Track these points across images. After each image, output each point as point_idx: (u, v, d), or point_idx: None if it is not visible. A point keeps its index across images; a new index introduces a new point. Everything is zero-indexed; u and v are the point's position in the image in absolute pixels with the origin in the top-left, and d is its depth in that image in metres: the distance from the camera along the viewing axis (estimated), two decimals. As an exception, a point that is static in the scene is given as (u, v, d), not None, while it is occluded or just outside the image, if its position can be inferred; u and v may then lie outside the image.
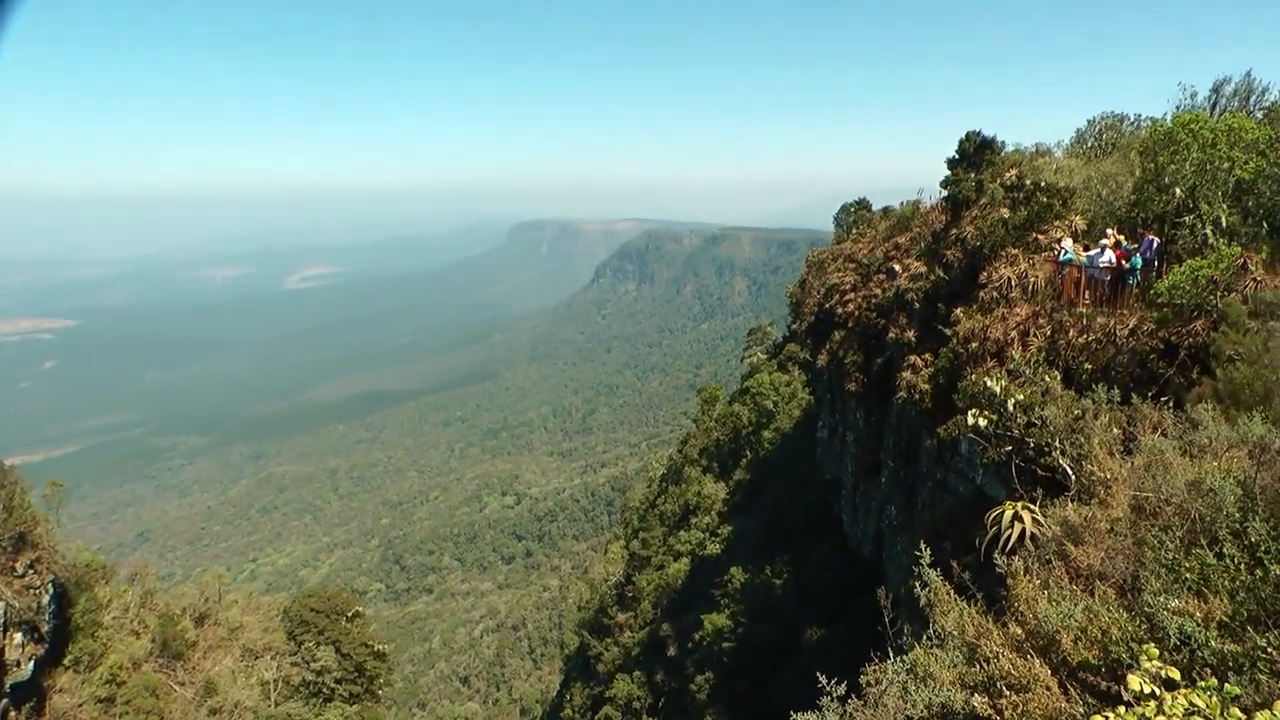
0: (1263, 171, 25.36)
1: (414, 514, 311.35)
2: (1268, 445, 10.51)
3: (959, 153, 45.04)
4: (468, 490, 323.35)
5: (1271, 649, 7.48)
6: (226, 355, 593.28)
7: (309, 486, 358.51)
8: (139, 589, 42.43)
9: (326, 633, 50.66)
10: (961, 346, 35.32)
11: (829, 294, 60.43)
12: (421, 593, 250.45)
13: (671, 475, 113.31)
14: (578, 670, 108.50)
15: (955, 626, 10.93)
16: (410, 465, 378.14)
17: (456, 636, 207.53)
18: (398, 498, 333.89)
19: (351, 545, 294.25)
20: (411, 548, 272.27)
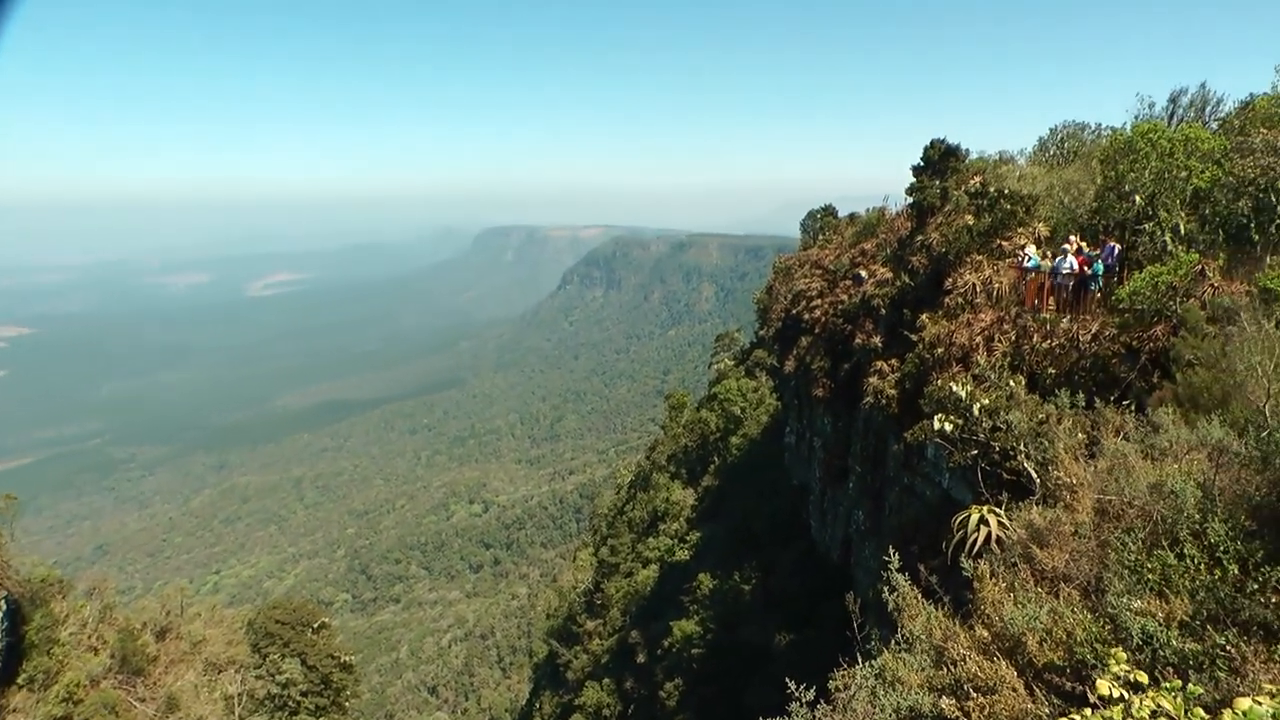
0: (1219, 180, 25.87)
1: (380, 523, 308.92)
2: (1226, 448, 10.73)
3: (924, 160, 45.44)
4: (435, 498, 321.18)
5: (1230, 647, 7.67)
6: (188, 364, 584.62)
7: (273, 496, 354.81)
8: (97, 603, 41.80)
9: (292, 645, 50.23)
10: (927, 352, 35.61)
11: (796, 300, 60.70)
12: (388, 602, 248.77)
13: (640, 482, 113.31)
14: (547, 678, 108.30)
15: (923, 630, 11.09)
16: (376, 474, 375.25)
17: (424, 646, 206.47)
18: (364, 507, 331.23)
19: (317, 555, 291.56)
20: (378, 557, 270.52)
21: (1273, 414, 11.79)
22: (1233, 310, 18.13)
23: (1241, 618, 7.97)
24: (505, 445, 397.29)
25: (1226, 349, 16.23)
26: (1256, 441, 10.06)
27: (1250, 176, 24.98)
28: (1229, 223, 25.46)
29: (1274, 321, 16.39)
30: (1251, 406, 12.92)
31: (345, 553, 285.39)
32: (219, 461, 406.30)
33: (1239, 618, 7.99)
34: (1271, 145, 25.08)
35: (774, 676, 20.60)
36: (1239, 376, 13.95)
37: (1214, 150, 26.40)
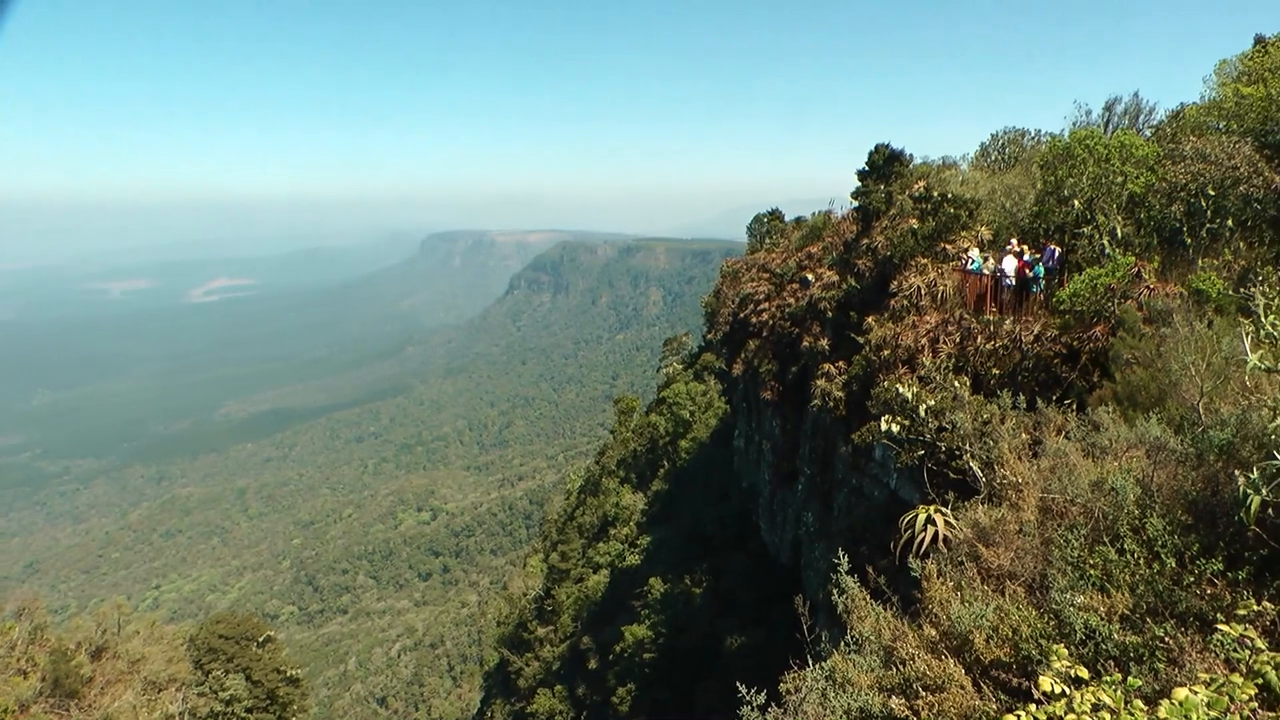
0: (1152, 186, 26.57)
1: (327, 533, 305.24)
2: (1163, 445, 10.97)
3: (869, 165, 45.82)
4: (382, 507, 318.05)
5: (1168, 638, 7.91)
6: (125, 373, 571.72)
7: (216, 508, 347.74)
8: (27, 624, 40.73)
9: (236, 660, 49.52)
10: (874, 354, 35.92)
11: (743, 304, 60.95)
12: (336, 613, 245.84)
13: (589, 487, 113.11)
14: (498, 687, 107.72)
15: (872, 631, 11.24)
16: (322, 483, 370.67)
17: (373, 657, 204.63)
18: (310, 517, 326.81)
19: (262, 568, 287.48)
20: (325, 568, 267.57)
21: (1206, 412, 12.11)
22: (1167, 311, 18.53)
23: (1179, 609, 8.19)
24: (454, 452, 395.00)
25: (1161, 349, 16.61)
26: (1191, 439, 10.34)
27: (1182, 182, 25.69)
28: (1163, 227, 26.12)
29: (1206, 322, 16.79)
30: (1186, 405, 13.25)
31: (291, 564, 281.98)
32: (159, 473, 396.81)
33: (1176, 609, 8.22)
34: (1201, 152, 25.77)
35: (726, 679, 20.76)
36: (1174, 376, 14.28)
37: (1148, 157, 27.16)
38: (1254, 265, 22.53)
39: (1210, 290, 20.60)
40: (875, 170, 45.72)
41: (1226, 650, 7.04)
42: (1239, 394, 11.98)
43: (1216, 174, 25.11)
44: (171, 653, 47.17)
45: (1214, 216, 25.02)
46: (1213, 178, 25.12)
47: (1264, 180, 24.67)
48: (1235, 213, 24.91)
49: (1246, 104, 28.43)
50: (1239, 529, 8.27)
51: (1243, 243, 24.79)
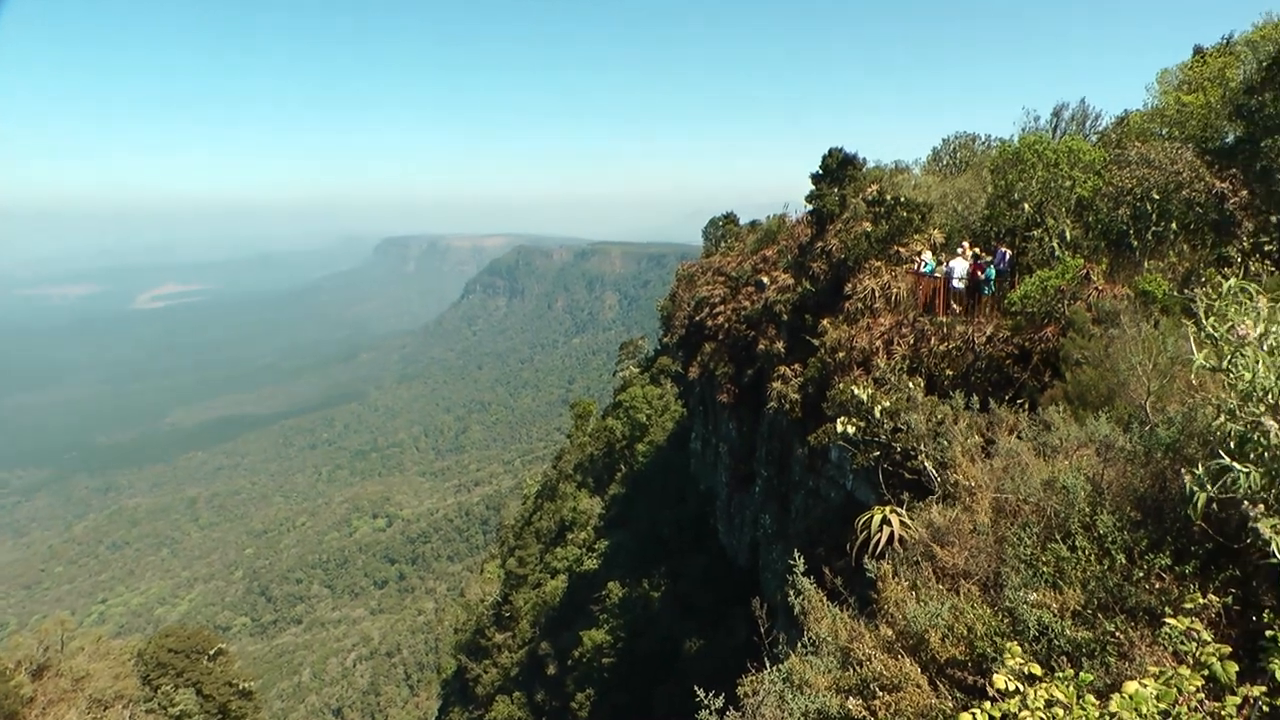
0: (1099, 190, 27.09)
1: (280, 542, 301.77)
2: (1112, 444, 11.13)
3: (823, 168, 46.11)
4: (337, 514, 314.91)
5: (1119, 633, 8.06)
6: (69, 381, 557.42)
7: (165, 519, 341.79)
8: (-38, 643, 39.97)
9: (186, 674, 48.75)
10: (829, 356, 36.15)
11: (699, 307, 61.12)
12: (290, 624, 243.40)
13: (546, 492, 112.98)
14: (456, 695, 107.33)
15: (829, 632, 11.30)
16: (275, 491, 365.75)
17: (328, 667, 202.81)
18: (263, 526, 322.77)
19: (213, 579, 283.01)
20: (278, 577, 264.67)
21: (1153, 411, 12.34)
22: (1115, 312, 18.85)
23: (1129, 604, 8.33)
24: (409, 458, 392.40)
25: (1110, 349, 16.88)
26: (1139, 437, 10.52)
27: (1128, 186, 26.22)
28: (1110, 229, 26.59)
29: (1152, 323, 17.09)
30: (1134, 404, 13.49)
31: (243, 574, 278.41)
32: (105, 484, 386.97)
33: (1126, 604, 8.35)
34: (1145, 158, 26.31)
35: (684, 683, 20.83)
36: (1122, 375, 14.51)
37: (1094, 162, 27.74)
38: (1197, 267, 23.01)
39: (1156, 291, 21.00)
40: (829, 174, 46.03)
41: (1174, 643, 7.18)
42: (1184, 393, 12.21)
43: (1160, 179, 25.63)
44: (118, 669, 46.10)
45: (1159, 220, 25.50)
46: (1157, 182, 25.63)
47: (1205, 185, 25.22)
48: (1179, 216, 25.41)
49: (1187, 112, 29.12)
50: (1185, 524, 8.42)
51: (1186, 245, 25.30)
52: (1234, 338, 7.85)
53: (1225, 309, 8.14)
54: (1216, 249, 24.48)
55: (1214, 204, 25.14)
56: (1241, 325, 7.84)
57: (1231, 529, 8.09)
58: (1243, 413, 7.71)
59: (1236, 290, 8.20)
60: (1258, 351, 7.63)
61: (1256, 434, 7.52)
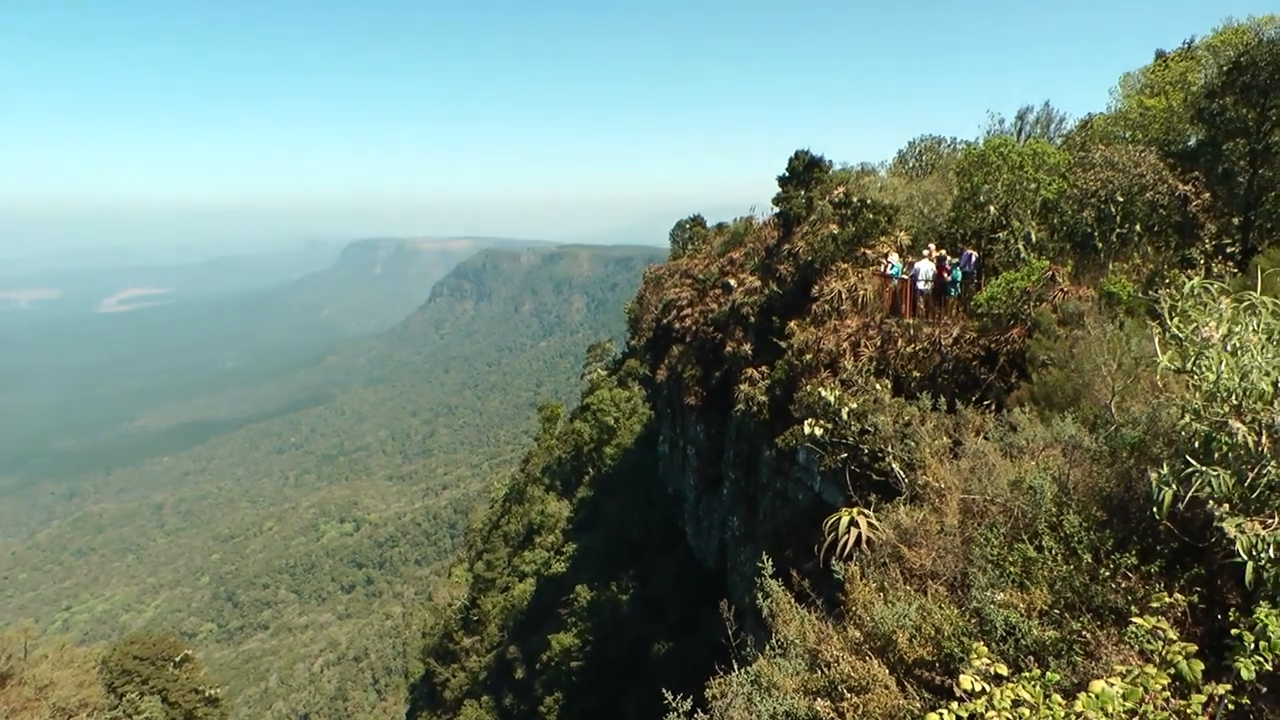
0: (1064, 192, 27.33)
1: (247, 547, 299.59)
2: (1078, 444, 11.20)
3: (789, 171, 46.18)
4: (304, 519, 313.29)
5: (1086, 632, 8.08)
6: (33, 386, 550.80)
7: (131, 524, 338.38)
8: (-78, 654, 39.47)
9: (151, 681, 48.27)
10: (796, 358, 36.21)
11: (666, 309, 61.11)
12: (257, 630, 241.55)
13: (514, 495, 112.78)
14: (424, 699, 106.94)
15: (797, 634, 11.29)
16: (242, 496, 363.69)
17: (295, 673, 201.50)
18: (229, 531, 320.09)
19: (180, 585, 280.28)
20: (245, 583, 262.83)
21: (1118, 411, 12.40)
22: (1080, 314, 18.98)
23: (1095, 604, 8.36)
24: (376, 462, 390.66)
25: (1075, 350, 17.00)
26: (1105, 437, 10.60)
27: (1092, 189, 26.48)
28: (1075, 231, 26.83)
29: (1117, 324, 17.21)
30: (1099, 404, 13.57)
31: (210, 580, 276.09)
32: (69, 490, 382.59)
33: (1093, 604, 8.38)
34: (1109, 160, 26.56)
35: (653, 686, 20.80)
36: (1087, 376, 14.62)
37: (1059, 164, 28.01)
38: (1160, 268, 23.26)
39: (1120, 293, 21.18)
40: (796, 176, 46.11)
41: (1140, 642, 7.21)
42: (1149, 393, 12.29)
43: (1124, 181, 25.88)
44: (83, 676, 45.49)
45: (1123, 222, 25.74)
46: (1121, 185, 25.89)
47: (1168, 187, 25.50)
48: (1143, 218, 25.67)
49: (1150, 115, 29.44)
50: (1151, 523, 8.46)
51: (1150, 247, 25.56)
52: (1198, 339, 7.90)
53: (1189, 310, 8.20)
54: (1180, 250, 24.77)
55: (1177, 206, 25.42)
56: (1205, 326, 7.89)
57: (1196, 528, 8.14)
58: (1207, 413, 7.76)
59: (1199, 291, 8.25)
60: (1221, 353, 7.69)
61: (1221, 435, 7.57)
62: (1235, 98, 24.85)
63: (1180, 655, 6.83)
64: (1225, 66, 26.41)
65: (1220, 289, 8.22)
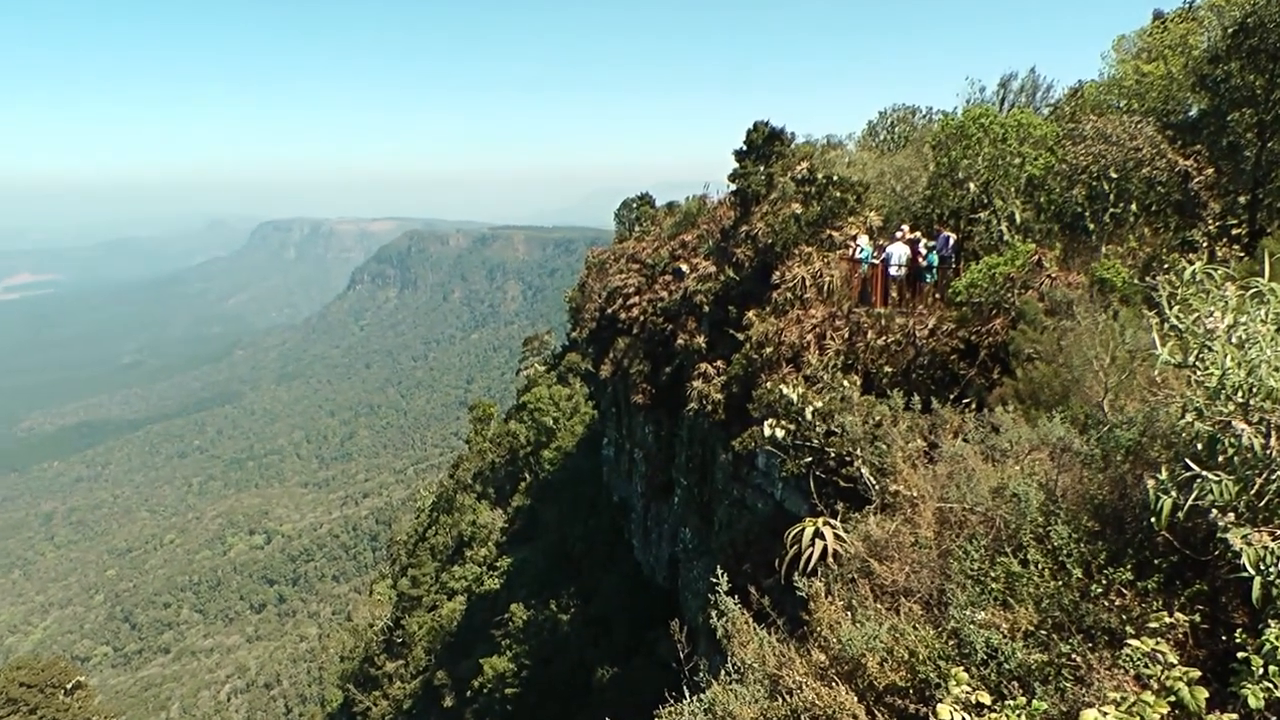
0: (1052, 168, 27.31)
1: (146, 562, 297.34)
2: (1067, 446, 11.17)
3: (747, 144, 46.11)
4: (210, 530, 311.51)
5: (1076, 655, 8.02)
6: None
7: (17, 536, 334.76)
8: None
9: (40, 711, 47.85)
10: (755, 352, 36.18)
11: (611, 298, 60.98)
12: (157, 653, 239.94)
13: (443, 503, 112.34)
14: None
15: (756, 658, 11.19)
16: (141, 505, 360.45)
17: (199, 701, 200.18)
18: (127, 544, 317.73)
19: (71, 604, 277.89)
20: (144, 601, 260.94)
21: (1111, 410, 12.40)
22: (1069, 302, 19.02)
23: (1086, 623, 8.31)
24: (290, 467, 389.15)
25: (1064, 343, 17.03)
26: (1096, 439, 10.53)
27: (1083, 164, 26.43)
28: (1064, 211, 26.86)
29: (1110, 313, 17.23)
30: (1091, 402, 13.58)
31: (105, 598, 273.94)
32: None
33: (1084, 624, 8.33)
34: (1102, 133, 26.53)
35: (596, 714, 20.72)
36: (1077, 371, 14.63)
37: (1046, 137, 27.95)
38: (1159, 252, 23.32)
39: (1114, 279, 21.22)
40: (754, 150, 46.06)
41: (1137, 666, 7.14)
42: (1146, 390, 12.26)
43: (1119, 156, 25.87)
44: (-40, 707, 44.96)
45: (1117, 200, 25.78)
46: (1115, 160, 25.87)
47: (1167, 163, 25.50)
48: (1139, 197, 25.71)
49: (1147, 82, 29.45)
50: (1148, 534, 8.42)
51: (1147, 228, 25.63)
52: (1200, 330, 7.84)
53: (1190, 298, 8.14)
54: (1180, 232, 24.85)
55: (1177, 183, 25.47)
56: (1208, 316, 7.83)
57: (1198, 540, 8.09)
58: (1210, 412, 7.70)
59: (1202, 277, 8.20)
60: (1226, 345, 7.63)
61: (1226, 436, 7.52)
62: (1241, 63, 24.84)
63: (1181, 681, 6.76)
64: (1230, 28, 26.37)
65: (1225, 274, 8.16)
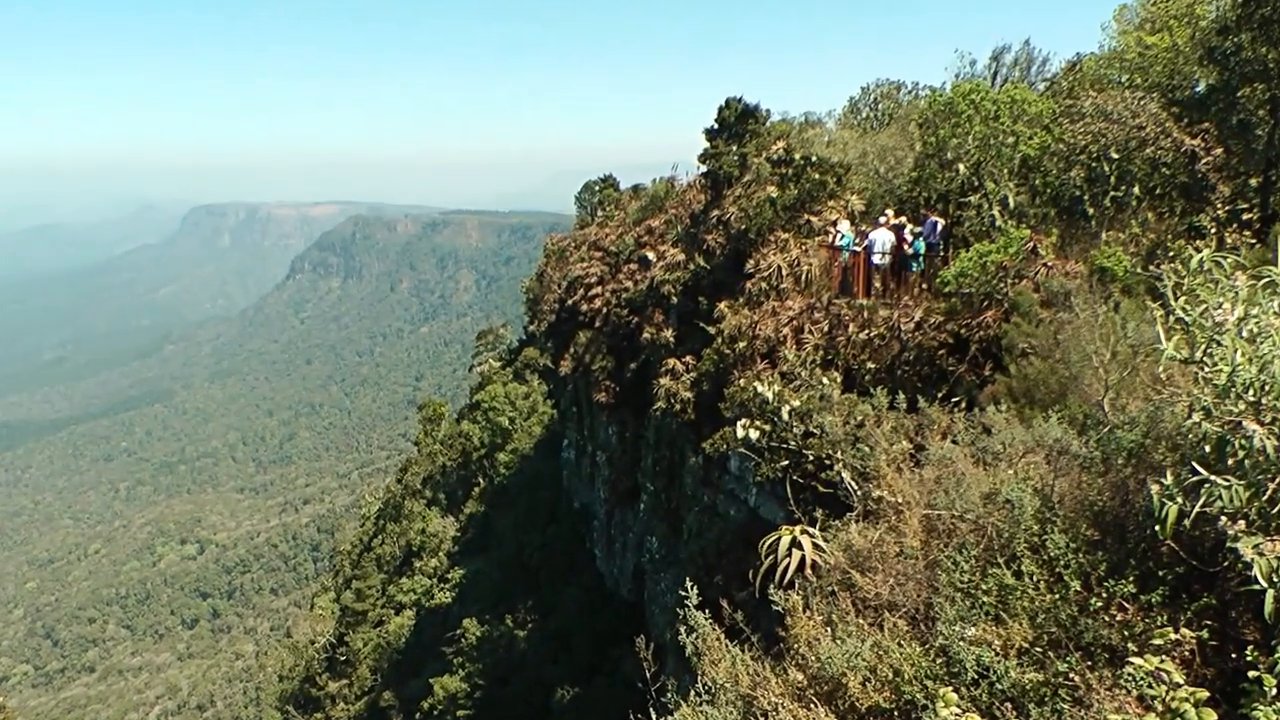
0: (1048, 148, 27.26)
1: (69, 574, 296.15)
2: (1065, 448, 11.11)
3: (718, 122, 46.03)
4: (138, 540, 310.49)
5: (1074, 674, 7.97)
6: None
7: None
8: None
9: (-49, 737, 47.56)
10: (727, 346, 36.19)
11: (572, 288, 60.97)
12: (81, 672, 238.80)
13: (390, 510, 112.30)
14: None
15: (727, 677, 11.13)
16: (64, 512, 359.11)
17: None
18: (48, 554, 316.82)
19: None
20: (67, 616, 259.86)
21: (1112, 409, 12.36)
22: (1067, 293, 19.02)
23: (1085, 640, 8.26)
24: (224, 471, 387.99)
25: (1061, 337, 17.02)
26: (1096, 441, 10.48)
27: (1082, 144, 26.40)
28: (1061, 194, 26.86)
29: (1111, 305, 17.22)
30: (1090, 401, 13.54)
31: (24, 613, 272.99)
32: None
33: (1082, 640, 8.28)
34: (1102, 110, 26.50)
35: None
36: (1076, 367, 14.61)
37: (1042, 114, 27.93)
38: (1164, 238, 23.32)
39: (1116, 268, 21.24)
40: (726, 129, 46.01)
41: (1140, 686, 7.10)
42: (1149, 388, 12.25)
43: (1120, 134, 25.87)
44: None
45: (1118, 183, 25.81)
46: (1116, 139, 25.87)
47: (1173, 142, 25.50)
48: (1142, 179, 25.74)
49: (1151, 55, 29.46)
50: (1152, 544, 8.38)
51: (1151, 213, 25.68)
52: (1208, 323, 7.80)
53: (1197, 288, 8.10)
54: (1186, 217, 24.88)
55: (1183, 164, 25.51)
56: (1217, 308, 7.79)
57: (1206, 550, 8.05)
58: (1219, 411, 7.66)
59: (1210, 265, 8.16)
60: (1236, 339, 7.58)
61: (1236, 438, 7.47)
62: (1253, 34, 24.75)
63: (1187, 702, 6.71)
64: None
65: (1235, 263, 8.12)
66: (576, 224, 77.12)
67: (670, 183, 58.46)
